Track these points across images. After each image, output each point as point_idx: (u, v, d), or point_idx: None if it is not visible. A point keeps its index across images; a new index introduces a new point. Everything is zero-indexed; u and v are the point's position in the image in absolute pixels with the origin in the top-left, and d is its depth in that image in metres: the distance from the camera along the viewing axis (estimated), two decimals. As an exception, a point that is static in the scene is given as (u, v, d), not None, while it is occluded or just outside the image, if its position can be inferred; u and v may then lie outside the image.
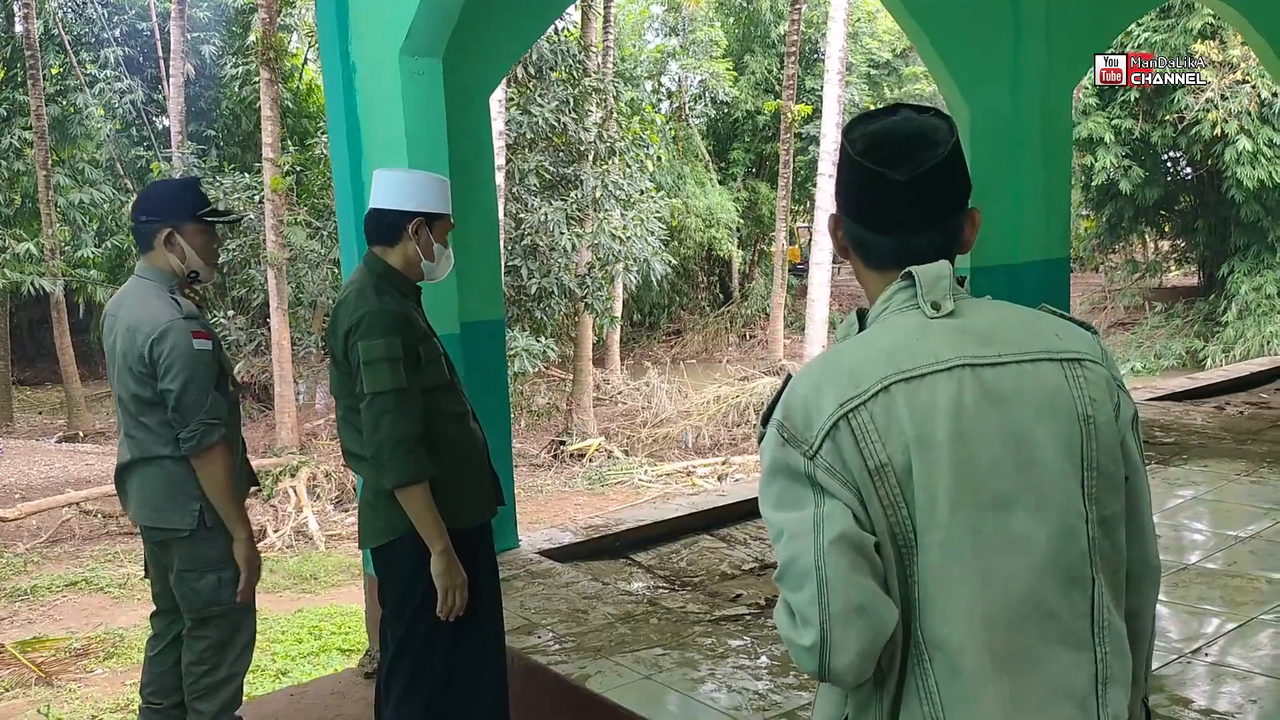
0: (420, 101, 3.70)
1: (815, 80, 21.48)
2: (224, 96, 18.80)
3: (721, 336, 24.92)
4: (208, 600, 3.12)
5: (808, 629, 1.23)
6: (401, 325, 2.66)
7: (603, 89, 16.04)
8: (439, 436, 2.73)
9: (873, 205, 1.35)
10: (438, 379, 2.76)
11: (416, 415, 2.65)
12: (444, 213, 2.82)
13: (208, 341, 3.01)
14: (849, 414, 1.25)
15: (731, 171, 25.54)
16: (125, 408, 3.08)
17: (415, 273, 2.83)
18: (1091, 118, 19.68)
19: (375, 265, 2.78)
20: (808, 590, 1.23)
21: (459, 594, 2.69)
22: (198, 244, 3.10)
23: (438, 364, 2.77)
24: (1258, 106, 17.84)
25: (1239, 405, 7.04)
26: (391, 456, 2.60)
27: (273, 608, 9.50)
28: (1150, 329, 21.70)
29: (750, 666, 3.47)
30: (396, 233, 2.76)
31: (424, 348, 2.73)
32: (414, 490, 2.63)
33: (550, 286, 14.80)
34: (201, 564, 3.10)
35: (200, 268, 3.12)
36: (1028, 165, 6.26)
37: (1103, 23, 6.92)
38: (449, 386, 2.80)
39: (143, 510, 3.13)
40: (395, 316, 2.66)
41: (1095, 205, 22.18)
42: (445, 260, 2.86)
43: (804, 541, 1.25)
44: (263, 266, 15.00)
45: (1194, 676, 3.31)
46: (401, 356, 2.63)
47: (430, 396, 2.72)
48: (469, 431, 2.86)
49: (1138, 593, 1.36)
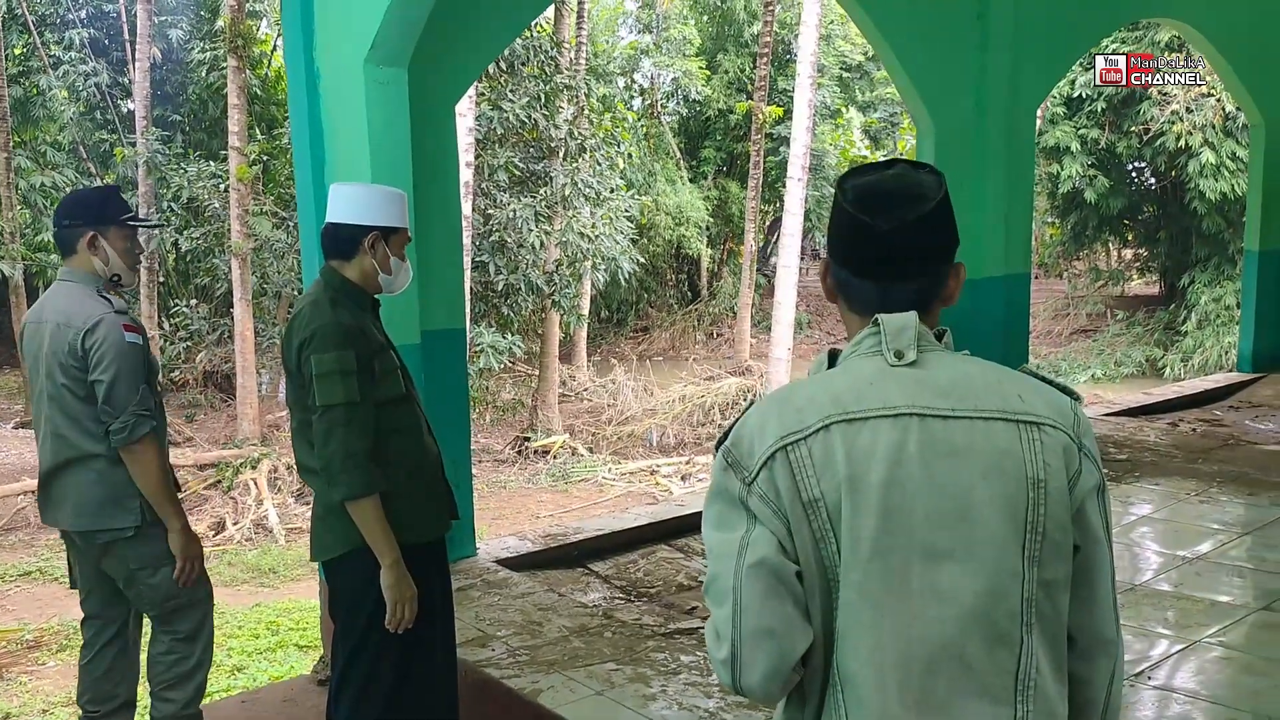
0: (385, 111, 3.68)
1: (788, 81, 21.54)
2: (190, 81, 18.55)
3: (689, 335, 24.98)
4: (167, 594, 3.20)
5: (722, 644, 1.31)
6: (355, 339, 2.67)
7: (574, 85, 16.00)
8: (391, 450, 2.74)
9: (858, 252, 1.41)
10: (392, 392, 2.76)
11: (368, 429, 2.66)
12: (400, 227, 2.83)
13: (138, 336, 3.10)
14: (788, 447, 1.30)
15: (702, 170, 25.58)
16: (57, 406, 3.10)
17: (373, 286, 2.84)
18: (1059, 126, 19.89)
19: (331, 279, 2.78)
20: (725, 608, 1.30)
21: (409, 607, 2.71)
22: (120, 248, 3.18)
23: (393, 377, 2.78)
24: (1222, 120, 18.11)
25: (1192, 422, 7.16)
26: (342, 470, 2.62)
27: (230, 602, 9.43)
28: (1111, 336, 21.99)
29: (702, 684, 3.49)
30: (353, 247, 2.77)
31: (379, 361, 2.73)
32: (364, 504, 2.64)
33: (518, 283, 14.76)
34: (154, 560, 3.16)
35: (122, 270, 3.21)
36: (991, 181, 6.33)
37: (1068, 41, 7.01)
38: (403, 399, 2.81)
39: (81, 515, 3.13)
40: (348, 330, 2.67)
41: (1060, 213, 22.42)
42: (403, 273, 2.86)
43: (728, 563, 1.31)
44: (227, 256, 14.85)
45: (1140, 700, 3.37)
46: (354, 370, 2.64)
47: (384, 410, 2.73)
48: (422, 446, 2.86)
49: (1088, 662, 1.39)
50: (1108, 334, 22.16)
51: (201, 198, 15.44)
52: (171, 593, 3.20)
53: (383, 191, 2.86)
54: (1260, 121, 8.34)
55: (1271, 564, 4.55)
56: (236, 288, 14.47)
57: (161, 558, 3.16)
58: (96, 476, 3.09)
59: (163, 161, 15.86)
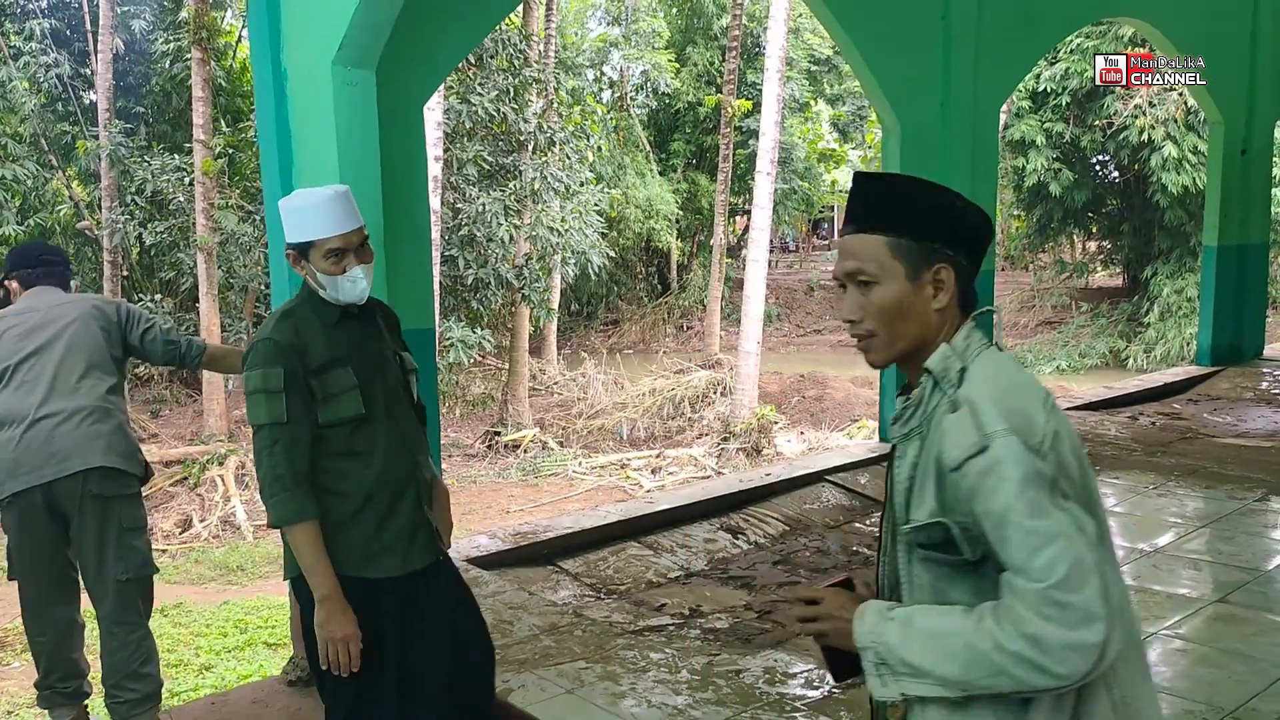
0: (353, 112, 3.68)
1: (756, 74, 21.59)
2: (154, 73, 18.30)
3: (659, 327, 25.04)
4: (145, 558, 3.49)
5: (1094, 625, 1.30)
6: (287, 356, 2.50)
7: (543, 79, 15.96)
8: (336, 476, 2.57)
9: (981, 246, 1.55)
10: (344, 413, 2.56)
11: (298, 452, 2.51)
12: (307, 240, 2.57)
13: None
14: (1058, 428, 1.40)
15: (672, 163, 25.61)
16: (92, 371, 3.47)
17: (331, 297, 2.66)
18: (1024, 120, 20.10)
19: (302, 289, 2.67)
20: (1092, 587, 1.31)
21: (341, 649, 2.51)
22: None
23: (348, 397, 2.57)
24: (1184, 114, 18.36)
25: (1152, 416, 7.28)
26: (269, 494, 2.51)
27: (198, 599, 9.37)
28: (1076, 328, 22.27)
29: (670, 681, 3.53)
30: (294, 264, 2.64)
31: (325, 380, 2.54)
32: (293, 531, 2.50)
33: (487, 277, 14.73)
34: (143, 522, 3.51)
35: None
36: (956, 179, 6.37)
37: (1031, 39, 7.10)
38: (362, 421, 2.58)
39: (113, 454, 3.39)
40: (281, 347, 2.51)
41: (1026, 206, 22.67)
42: (345, 283, 2.59)
43: (1078, 541, 1.33)
44: (192, 250, 14.70)
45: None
46: (281, 389, 2.49)
47: (334, 431, 2.55)
48: (379, 472, 2.61)
49: None
50: (1072, 326, 22.45)
51: (166, 191, 15.26)
52: (147, 557, 3.49)
53: (290, 205, 2.61)
54: (1219, 119, 8.48)
55: (1227, 556, 4.65)
56: (202, 282, 14.33)
57: (144, 522, 3.52)
58: (124, 427, 3.50)
59: (126, 154, 15.66)
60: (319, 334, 2.59)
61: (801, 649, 3.84)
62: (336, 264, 2.56)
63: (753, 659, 3.74)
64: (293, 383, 2.50)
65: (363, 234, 2.63)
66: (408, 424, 2.71)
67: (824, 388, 18.03)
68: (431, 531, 2.73)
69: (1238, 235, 8.56)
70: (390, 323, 2.86)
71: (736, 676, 3.59)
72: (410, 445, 2.70)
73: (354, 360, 2.61)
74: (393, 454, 2.64)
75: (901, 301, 1.50)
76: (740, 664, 3.69)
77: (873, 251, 1.52)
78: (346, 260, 2.57)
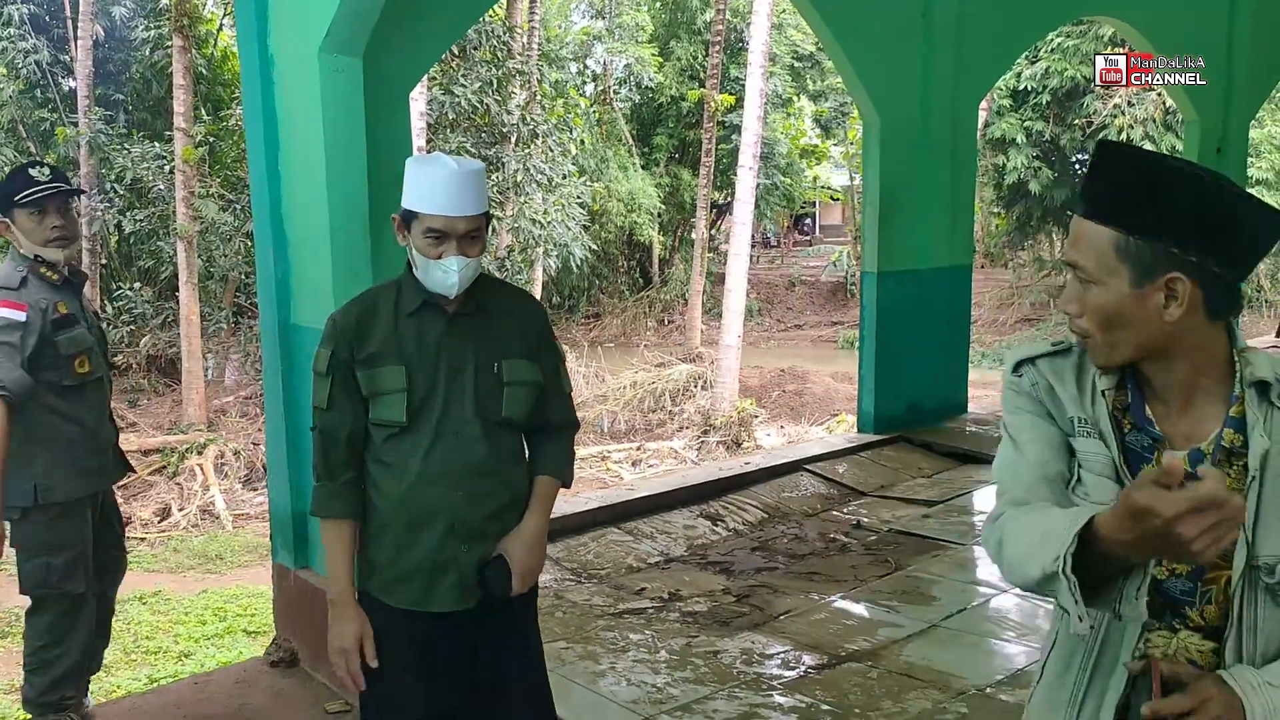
0: (339, 99, 3.70)
1: (740, 69, 21.65)
2: (134, 60, 18.19)
3: (640, 321, 25.08)
4: (36, 583, 3.31)
5: None
6: (341, 337, 2.27)
7: (527, 70, 15.98)
8: (372, 481, 2.32)
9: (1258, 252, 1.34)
10: (384, 416, 2.26)
11: (334, 443, 2.29)
12: (413, 209, 2.23)
13: (15, 311, 3.18)
14: None
15: (654, 157, 25.64)
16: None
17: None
18: (1005, 119, 20.26)
19: (408, 263, 2.34)
20: None
21: (338, 661, 2.30)
22: (25, 227, 3.29)
23: (391, 400, 2.25)
24: (1162, 114, 18.56)
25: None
26: (313, 480, 2.36)
27: (176, 588, 9.37)
28: (1054, 325, 22.47)
29: (649, 661, 3.60)
30: (397, 230, 2.31)
31: (372, 374, 2.26)
32: (322, 525, 2.34)
33: (468, 267, 14.73)
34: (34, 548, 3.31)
35: (40, 251, 3.29)
36: (936, 175, 6.50)
37: (1011, 38, 7.19)
38: (400, 431, 2.26)
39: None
40: (338, 327, 2.28)
41: (1006, 204, 22.85)
42: (435, 270, 2.23)
43: None
44: (172, 238, 14.65)
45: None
46: (326, 372, 2.28)
47: (376, 431, 2.29)
48: (400, 492, 2.27)
49: None
50: (1050, 323, 22.65)
51: (145, 179, 15.19)
52: (40, 582, 3.31)
53: (413, 166, 2.27)
54: (1195, 118, 8.60)
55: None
56: (182, 271, 14.28)
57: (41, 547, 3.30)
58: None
59: (105, 141, 15.58)
60: (385, 320, 2.29)
61: (778, 631, 3.91)
62: (433, 246, 2.22)
63: (730, 640, 3.81)
64: (338, 368, 2.27)
65: (476, 224, 2.25)
66: (468, 447, 2.28)
67: (804, 382, 18.13)
68: (468, 574, 2.30)
69: (1211, 233, 8.68)
70: (522, 323, 2.41)
71: (714, 657, 3.65)
72: (461, 473, 2.28)
73: (414, 359, 2.27)
74: (427, 477, 2.27)
75: (1121, 308, 1.32)
76: (718, 645, 3.76)
77: (1095, 247, 1.33)
78: (445, 246, 2.22)
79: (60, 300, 3.29)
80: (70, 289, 3.37)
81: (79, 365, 3.31)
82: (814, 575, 4.51)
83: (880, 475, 5.91)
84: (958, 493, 5.57)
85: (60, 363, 3.27)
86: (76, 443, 3.33)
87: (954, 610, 4.06)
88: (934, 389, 6.68)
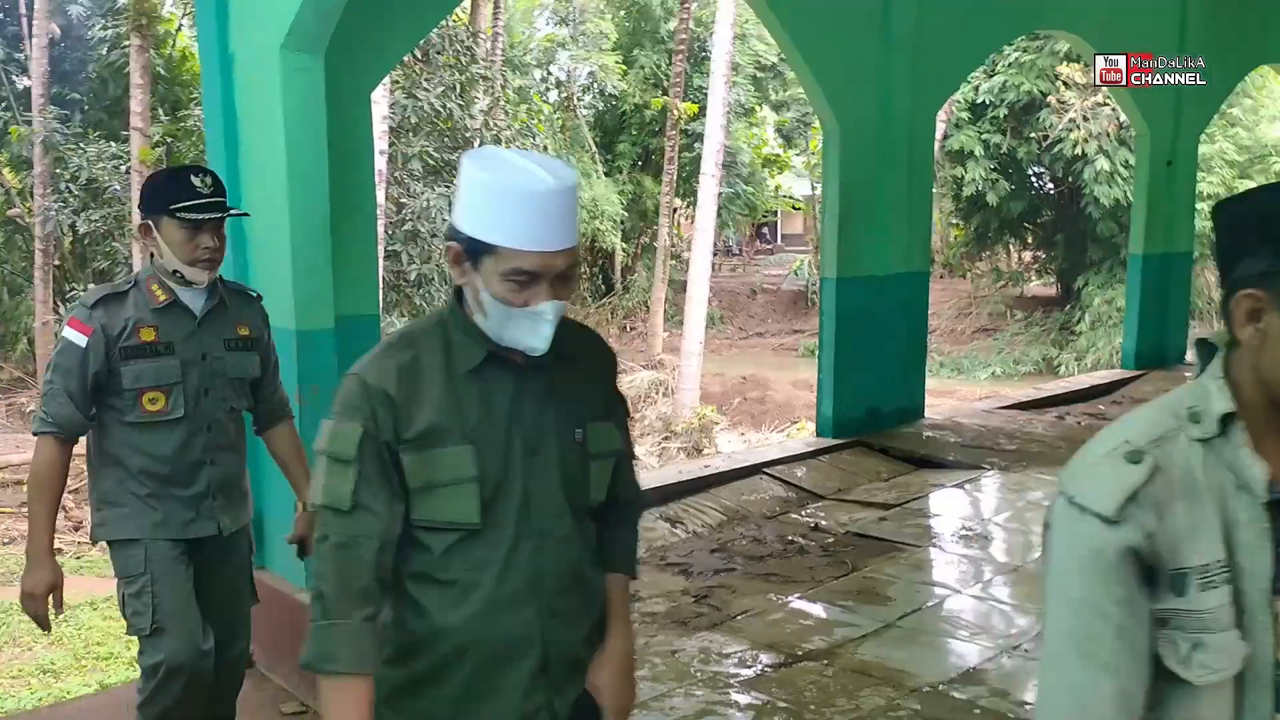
0: (301, 98, 3.70)
1: (703, 78, 21.76)
2: (91, 59, 17.96)
3: (602, 328, 25.05)
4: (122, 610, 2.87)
5: None
6: (374, 408, 1.61)
7: (490, 76, 15.97)
8: (414, 612, 1.70)
9: None
10: (444, 515, 1.65)
11: (360, 558, 1.63)
12: (487, 242, 1.57)
13: (79, 334, 2.72)
14: None
15: (617, 164, 25.68)
16: None
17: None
18: (964, 131, 20.53)
19: (453, 299, 1.71)
20: None
21: None
22: (175, 240, 2.77)
23: (456, 493, 1.64)
24: (1116, 129, 18.90)
25: (1078, 415, 7.53)
26: (310, 613, 1.76)
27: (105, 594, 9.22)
28: (1011, 336, 22.79)
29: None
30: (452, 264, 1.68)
31: (426, 457, 1.63)
32: (325, 685, 1.67)
33: (430, 273, 14.70)
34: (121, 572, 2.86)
35: (180, 267, 2.78)
36: (894, 183, 6.59)
37: (966, 49, 7.31)
38: (471, 534, 1.66)
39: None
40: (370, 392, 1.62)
41: (964, 215, 23.14)
42: (521, 320, 1.60)
43: None
44: (127, 239, 14.47)
45: (1014, 670, 3.60)
46: (353, 458, 1.60)
47: (426, 538, 1.68)
48: (471, 616, 1.67)
49: None
50: (1007, 333, 22.96)
51: (101, 179, 15.01)
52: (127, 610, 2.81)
53: (480, 174, 1.58)
54: (1145, 131, 8.78)
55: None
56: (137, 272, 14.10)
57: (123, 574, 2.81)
58: None
59: (60, 141, 15.37)
60: (435, 380, 1.65)
61: (735, 631, 3.94)
62: (517, 291, 1.58)
63: (689, 640, 3.84)
64: (372, 451, 1.61)
65: (575, 258, 1.63)
66: (561, 550, 1.71)
67: (765, 390, 18.26)
68: None
69: (1162, 244, 8.87)
70: (600, 370, 1.84)
71: (672, 656, 3.68)
72: (554, 586, 1.70)
73: (481, 434, 1.65)
74: (508, 597, 1.66)
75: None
76: (676, 644, 3.78)
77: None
78: (534, 290, 1.59)
79: (148, 324, 2.76)
80: (175, 313, 2.80)
81: (149, 402, 2.75)
82: (772, 576, 4.55)
83: (838, 479, 5.97)
84: (914, 496, 5.64)
85: (125, 395, 2.74)
86: (144, 483, 2.78)
87: (908, 610, 4.12)
88: (892, 394, 6.76)
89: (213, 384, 2.85)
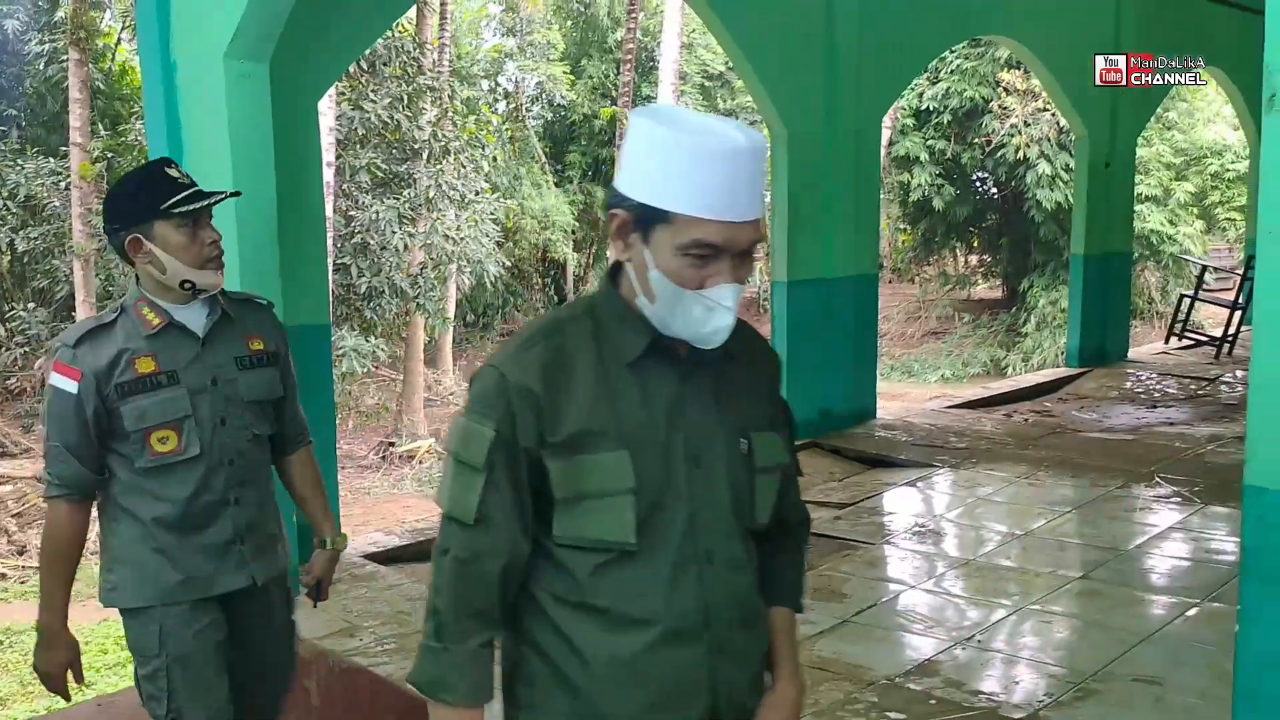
0: (245, 106, 3.68)
1: (651, 88, 21.89)
2: (27, 74, 17.61)
3: (555, 338, 25.04)
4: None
5: None
6: (520, 403, 1.42)
7: (438, 87, 15.89)
8: (557, 643, 1.47)
9: None
10: (593, 531, 1.44)
11: (485, 576, 1.48)
12: (662, 208, 1.36)
13: (64, 379, 2.34)
14: None
15: (568, 174, 25.70)
16: None
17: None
18: (909, 137, 20.82)
19: (607, 282, 1.52)
20: None
21: None
22: (175, 243, 2.38)
23: (606, 506, 1.43)
24: (1057, 133, 19.29)
25: (1025, 413, 7.67)
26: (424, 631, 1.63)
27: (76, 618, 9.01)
28: (959, 338, 23.13)
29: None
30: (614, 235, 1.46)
31: (573, 464, 1.42)
32: (434, 711, 1.53)
33: (381, 286, 14.57)
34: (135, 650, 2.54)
35: (191, 274, 2.40)
36: (841, 187, 6.68)
37: (908, 56, 7.44)
38: (626, 554, 1.44)
39: None
40: (509, 388, 1.43)
41: (912, 220, 23.45)
42: (695, 306, 1.39)
43: None
44: (68, 257, 14.20)
45: (975, 661, 3.65)
46: (483, 465, 1.43)
47: (574, 558, 1.47)
48: (637, 656, 1.44)
49: None
50: (956, 336, 23.29)
51: (40, 195, 14.70)
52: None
53: (655, 130, 1.37)
54: (1084, 134, 8.98)
55: (1090, 538, 4.96)
56: (79, 290, 13.85)
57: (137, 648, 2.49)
58: None
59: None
60: (586, 373, 1.44)
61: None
62: (697, 268, 1.38)
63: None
64: (505, 457, 1.41)
65: (758, 233, 1.41)
66: (731, 576, 1.49)
67: (718, 396, 18.32)
68: None
69: (1102, 245, 9.07)
70: (767, 372, 1.63)
71: (631, 658, 3.68)
72: (725, 620, 1.48)
73: (639, 438, 1.43)
74: (672, 631, 1.44)
75: None
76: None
77: None
78: (716, 268, 1.38)
79: (144, 354, 2.37)
80: (173, 336, 2.42)
81: (158, 442, 2.37)
82: (729, 577, 4.57)
83: (792, 480, 6.02)
84: (867, 495, 5.71)
85: (131, 438, 2.36)
86: (157, 535, 2.42)
87: (864, 606, 4.16)
88: (844, 395, 6.84)
89: (229, 411, 2.45)
